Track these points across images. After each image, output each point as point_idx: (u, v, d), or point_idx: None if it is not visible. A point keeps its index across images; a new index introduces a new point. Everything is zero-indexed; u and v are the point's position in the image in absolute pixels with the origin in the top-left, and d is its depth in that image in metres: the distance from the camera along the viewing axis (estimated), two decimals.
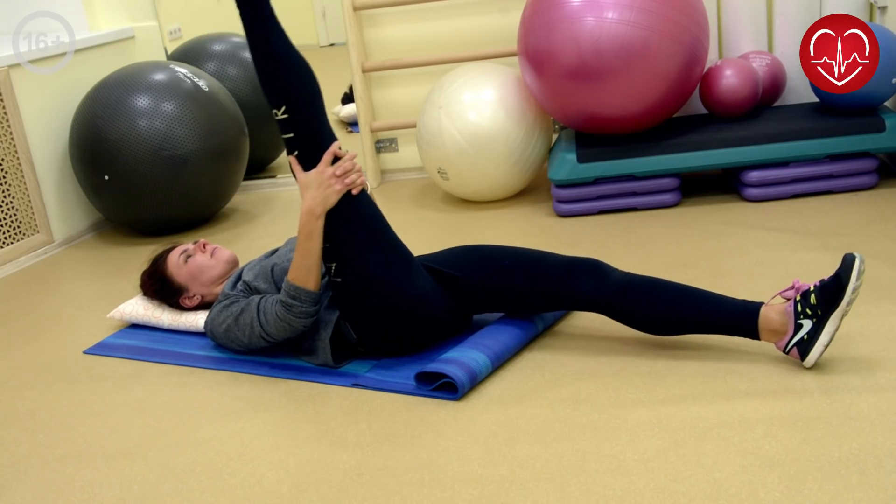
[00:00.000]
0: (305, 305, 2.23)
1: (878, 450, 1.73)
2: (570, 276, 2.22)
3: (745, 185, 3.22)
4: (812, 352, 2.00)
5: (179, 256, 2.64)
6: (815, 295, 1.99)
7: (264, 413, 2.18)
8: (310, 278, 2.22)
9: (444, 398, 2.12)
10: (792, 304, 2.02)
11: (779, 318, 2.04)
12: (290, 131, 2.21)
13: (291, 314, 2.23)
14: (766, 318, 2.05)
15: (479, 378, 2.15)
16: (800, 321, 2.00)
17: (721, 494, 1.66)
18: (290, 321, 2.25)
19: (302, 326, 2.27)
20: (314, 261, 2.21)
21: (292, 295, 2.22)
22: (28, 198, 3.61)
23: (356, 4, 3.84)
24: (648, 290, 2.16)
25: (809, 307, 1.99)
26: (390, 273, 2.23)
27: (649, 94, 3.12)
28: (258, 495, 1.85)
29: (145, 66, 3.70)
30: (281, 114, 2.18)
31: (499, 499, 1.73)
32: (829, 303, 1.97)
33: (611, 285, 2.19)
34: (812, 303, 1.99)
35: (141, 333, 2.74)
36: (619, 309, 2.19)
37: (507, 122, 3.38)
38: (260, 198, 4.15)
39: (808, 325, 1.99)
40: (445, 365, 2.12)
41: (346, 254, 2.22)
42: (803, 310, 2.00)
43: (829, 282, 1.99)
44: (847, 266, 1.97)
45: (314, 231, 2.19)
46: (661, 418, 1.93)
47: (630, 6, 3.01)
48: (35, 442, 2.19)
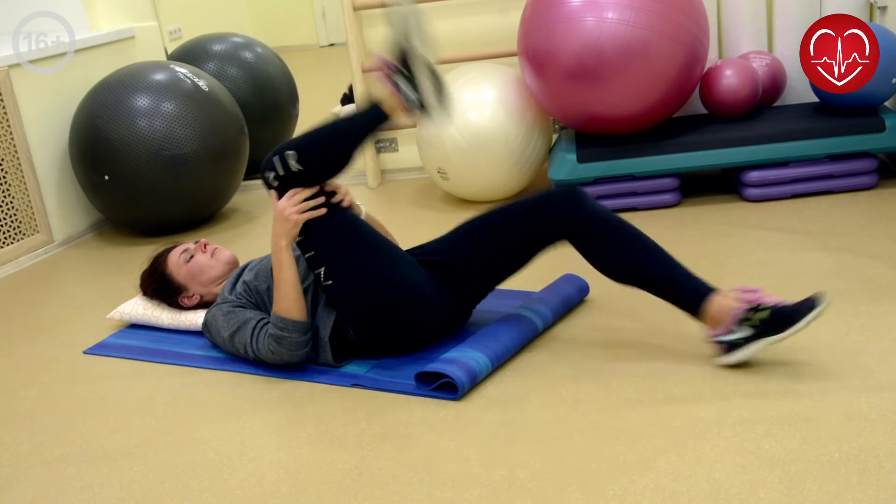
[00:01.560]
0: (295, 335, 2.24)
1: (878, 450, 1.73)
2: (545, 203, 2.24)
3: (745, 185, 3.22)
4: (731, 356, 2.05)
5: (180, 256, 2.64)
6: (768, 312, 2.00)
7: (264, 413, 2.18)
8: (292, 308, 2.24)
9: (444, 398, 2.12)
10: (742, 311, 2.03)
11: (723, 311, 2.05)
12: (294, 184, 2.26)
13: (282, 347, 2.25)
14: (713, 304, 2.07)
15: (479, 378, 2.15)
16: (740, 326, 2.02)
17: (721, 494, 1.66)
18: (282, 354, 2.27)
19: (297, 358, 2.28)
20: (292, 289, 2.24)
21: (280, 327, 2.24)
22: (28, 198, 3.61)
23: (356, 4, 3.85)
24: (617, 232, 2.19)
25: (753, 322, 2.01)
26: (379, 270, 2.24)
27: (649, 94, 3.12)
28: (258, 495, 1.85)
29: (145, 66, 3.70)
30: (295, 163, 2.22)
31: (499, 499, 1.73)
32: (773, 328, 2.00)
33: (587, 212, 2.20)
34: (761, 317, 2.00)
35: (141, 333, 2.74)
36: (587, 239, 2.20)
37: (507, 122, 3.38)
38: (260, 198, 4.15)
39: (745, 332, 2.02)
40: (445, 365, 2.12)
41: (331, 257, 2.24)
42: (749, 317, 2.02)
43: (785, 311, 2.00)
44: (807, 307, 1.98)
45: (283, 262, 2.24)
46: (661, 418, 1.93)
47: (630, 6, 3.01)
48: (35, 442, 2.19)
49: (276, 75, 4.43)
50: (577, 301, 2.52)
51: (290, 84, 4.56)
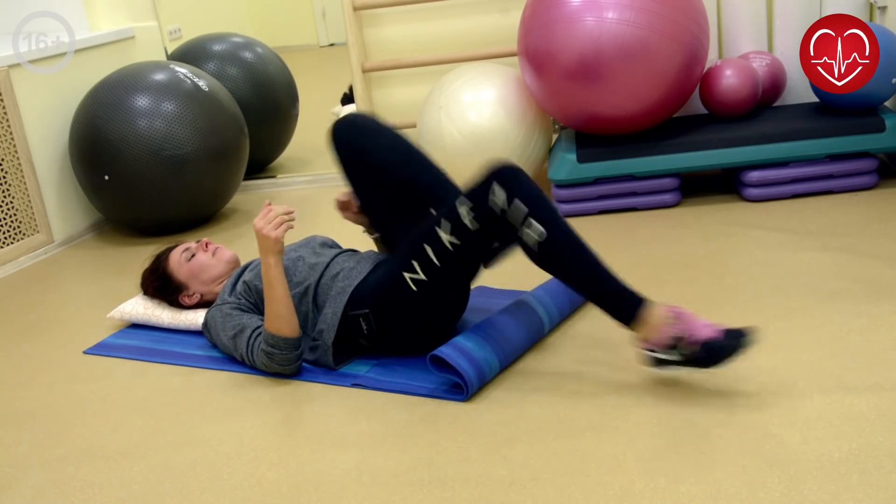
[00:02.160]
0: (286, 352, 2.26)
1: (878, 450, 1.73)
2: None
3: (745, 185, 3.22)
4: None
5: (181, 255, 2.65)
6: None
7: (264, 413, 2.18)
8: (282, 325, 2.25)
9: (449, 398, 2.12)
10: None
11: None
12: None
13: (274, 362, 2.27)
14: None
15: (486, 381, 2.15)
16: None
17: (721, 494, 1.66)
18: (275, 368, 2.29)
19: (290, 371, 2.30)
20: (283, 307, 2.25)
21: (271, 343, 2.26)
22: (28, 198, 3.61)
23: (356, 4, 3.85)
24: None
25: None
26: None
27: (649, 94, 3.12)
28: (258, 495, 1.85)
29: (145, 66, 3.70)
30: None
31: (499, 499, 1.73)
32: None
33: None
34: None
35: (141, 333, 2.74)
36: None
37: (507, 122, 3.38)
38: (260, 198, 4.15)
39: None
40: (462, 360, 2.09)
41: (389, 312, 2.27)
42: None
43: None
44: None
45: (273, 279, 2.25)
46: (661, 418, 1.93)
47: (630, 6, 3.01)
48: (35, 442, 2.19)
49: (276, 75, 4.43)
50: (581, 301, 2.52)
51: (290, 84, 4.56)
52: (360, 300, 2.28)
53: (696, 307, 2.43)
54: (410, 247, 2.20)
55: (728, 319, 2.33)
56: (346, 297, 2.28)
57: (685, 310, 2.01)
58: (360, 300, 2.28)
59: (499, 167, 2.09)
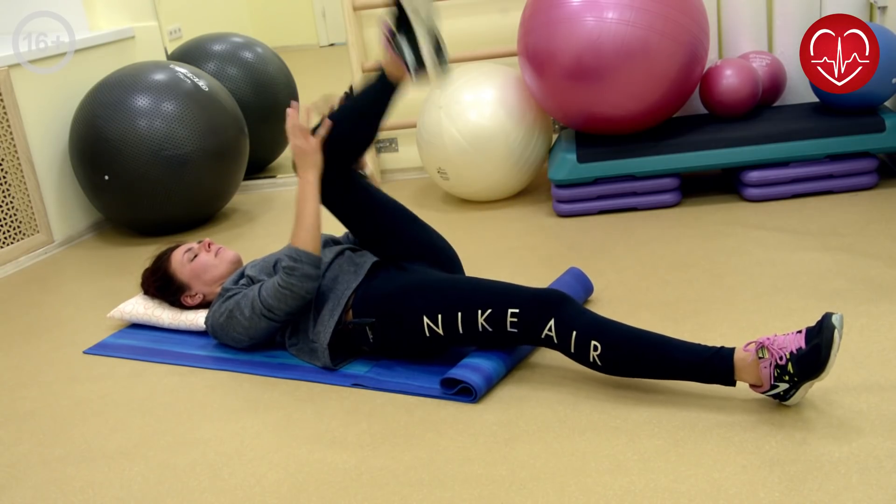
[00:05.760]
0: (307, 267, 2.27)
1: (878, 450, 1.73)
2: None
3: (745, 185, 3.22)
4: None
5: (183, 255, 2.64)
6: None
7: (264, 413, 2.18)
8: (308, 239, 2.30)
9: (460, 400, 2.12)
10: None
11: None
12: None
13: (293, 277, 2.27)
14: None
15: (493, 383, 2.15)
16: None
17: (721, 494, 1.66)
18: (292, 286, 2.27)
19: (304, 292, 2.28)
20: (313, 222, 2.31)
21: (293, 257, 2.27)
22: (28, 198, 3.61)
23: (356, 4, 3.85)
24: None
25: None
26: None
27: (649, 94, 3.12)
28: (258, 495, 1.85)
29: (145, 66, 3.70)
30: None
31: (499, 499, 1.73)
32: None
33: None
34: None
35: (141, 333, 2.74)
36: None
37: (507, 122, 3.38)
38: (260, 198, 4.15)
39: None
40: (466, 372, 2.12)
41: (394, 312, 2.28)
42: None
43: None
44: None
45: (308, 194, 2.32)
46: (661, 418, 1.93)
47: (630, 6, 3.01)
48: (35, 442, 2.19)
49: (276, 75, 4.43)
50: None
51: (290, 84, 4.56)
52: (365, 308, 2.28)
53: (696, 307, 2.43)
54: (440, 298, 2.19)
55: (728, 319, 2.34)
56: (343, 301, 2.30)
57: (764, 337, 1.91)
58: (364, 307, 2.28)
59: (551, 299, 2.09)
